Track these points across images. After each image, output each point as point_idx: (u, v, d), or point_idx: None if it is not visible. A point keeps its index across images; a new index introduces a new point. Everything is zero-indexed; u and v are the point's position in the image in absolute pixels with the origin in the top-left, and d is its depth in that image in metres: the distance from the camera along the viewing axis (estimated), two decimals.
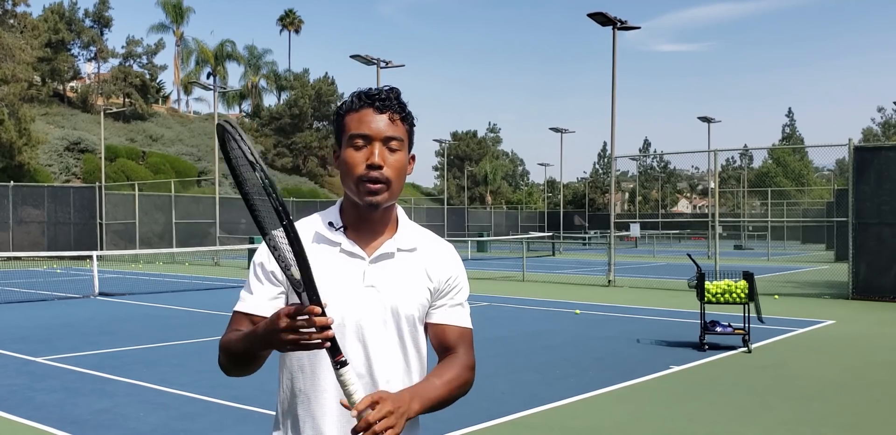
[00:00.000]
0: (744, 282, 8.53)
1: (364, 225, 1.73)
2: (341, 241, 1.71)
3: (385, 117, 1.67)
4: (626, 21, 19.15)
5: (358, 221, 1.73)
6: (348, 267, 1.70)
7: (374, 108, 1.67)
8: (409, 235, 1.78)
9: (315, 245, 1.71)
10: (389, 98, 1.68)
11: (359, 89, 1.72)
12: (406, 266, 1.73)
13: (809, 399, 6.35)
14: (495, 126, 75.12)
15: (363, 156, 1.66)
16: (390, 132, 1.67)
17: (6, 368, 7.53)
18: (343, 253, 1.71)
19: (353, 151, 1.67)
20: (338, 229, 1.73)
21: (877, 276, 14.03)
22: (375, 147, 1.66)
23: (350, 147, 1.68)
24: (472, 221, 52.09)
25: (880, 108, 64.10)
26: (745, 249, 37.73)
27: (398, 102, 1.69)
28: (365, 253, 1.71)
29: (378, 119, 1.67)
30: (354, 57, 25.80)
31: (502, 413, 5.76)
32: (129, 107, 50.10)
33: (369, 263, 1.71)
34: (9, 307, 13.01)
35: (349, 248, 1.71)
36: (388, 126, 1.67)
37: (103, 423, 5.52)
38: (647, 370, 7.40)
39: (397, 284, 1.71)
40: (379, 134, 1.66)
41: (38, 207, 29.29)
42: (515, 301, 14.01)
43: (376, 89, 1.71)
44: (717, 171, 18.43)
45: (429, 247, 1.79)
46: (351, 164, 1.67)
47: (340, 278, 1.68)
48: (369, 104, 1.68)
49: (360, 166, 1.66)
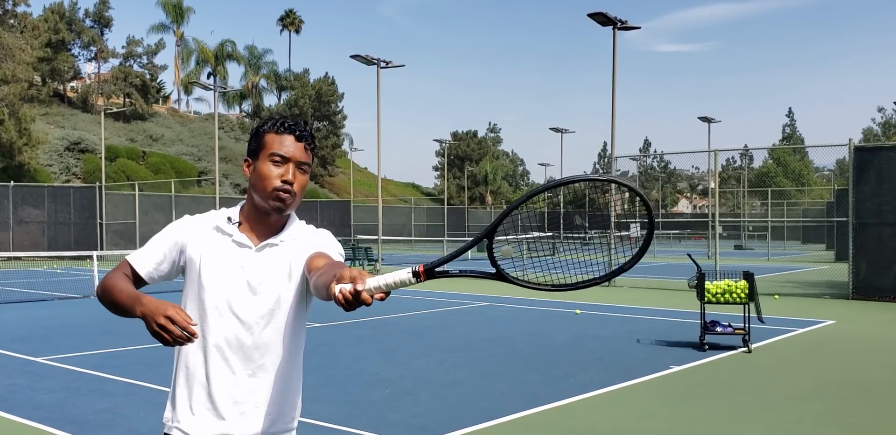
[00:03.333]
0: (744, 282, 8.53)
1: (259, 224, 2.08)
2: (233, 233, 2.06)
3: (301, 145, 2.05)
4: (626, 21, 19.16)
5: (254, 221, 2.08)
6: (237, 254, 2.04)
7: (294, 136, 2.05)
8: (295, 230, 2.11)
9: (212, 233, 2.07)
10: (307, 131, 2.08)
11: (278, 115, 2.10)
12: (285, 252, 2.06)
13: (809, 399, 6.35)
14: (495, 126, 75.18)
15: (280, 172, 2.02)
16: (303, 158, 2.05)
17: (6, 368, 7.53)
18: (234, 243, 2.05)
19: (271, 166, 2.02)
20: (233, 224, 2.07)
21: (877, 276, 14.03)
22: (290, 167, 2.03)
23: (269, 162, 2.02)
24: (472, 221, 52.12)
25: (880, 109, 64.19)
26: (745, 249, 37.72)
27: (311, 136, 2.09)
28: (252, 244, 2.05)
29: (296, 146, 2.04)
30: (355, 57, 25.79)
31: (502, 413, 5.76)
32: (130, 107, 50.11)
33: (255, 252, 2.05)
34: (9, 307, 13.01)
35: (239, 239, 2.05)
36: (303, 153, 2.05)
37: (103, 423, 5.52)
38: (647, 370, 7.40)
39: (274, 268, 2.04)
40: (295, 157, 2.03)
41: (38, 207, 29.29)
42: (515, 301, 14.01)
43: (295, 120, 2.07)
44: (718, 171, 18.42)
45: (306, 236, 2.11)
46: (268, 176, 2.01)
47: (227, 263, 2.03)
48: (291, 132, 2.04)
49: (276, 180, 2.01)
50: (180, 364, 2.06)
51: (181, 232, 2.08)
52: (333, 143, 58.49)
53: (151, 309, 1.82)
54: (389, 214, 42.84)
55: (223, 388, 2.00)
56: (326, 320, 10.53)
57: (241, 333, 2.00)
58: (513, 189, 74.96)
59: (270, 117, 2.09)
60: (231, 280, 2.02)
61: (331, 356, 8.11)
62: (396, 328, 10.53)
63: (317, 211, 39.94)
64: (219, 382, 2.00)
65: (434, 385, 6.84)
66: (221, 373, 2.00)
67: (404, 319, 11.60)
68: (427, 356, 8.32)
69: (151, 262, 2.09)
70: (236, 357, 2.00)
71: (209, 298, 2.02)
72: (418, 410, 5.90)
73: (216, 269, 2.02)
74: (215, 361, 2.00)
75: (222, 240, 2.06)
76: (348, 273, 1.59)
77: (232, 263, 2.03)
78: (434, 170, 72.30)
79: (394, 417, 5.69)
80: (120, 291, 1.98)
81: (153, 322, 1.79)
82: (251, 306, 2.01)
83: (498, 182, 68.48)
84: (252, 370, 2.01)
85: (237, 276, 2.02)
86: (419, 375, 7.28)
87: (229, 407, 2.00)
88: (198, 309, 2.03)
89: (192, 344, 1.94)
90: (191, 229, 2.08)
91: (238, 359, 2.00)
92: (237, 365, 2.00)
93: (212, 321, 2.01)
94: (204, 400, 2.01)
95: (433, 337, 9.78)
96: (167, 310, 1.79)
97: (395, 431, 5.32)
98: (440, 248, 26.63)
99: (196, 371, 2.02)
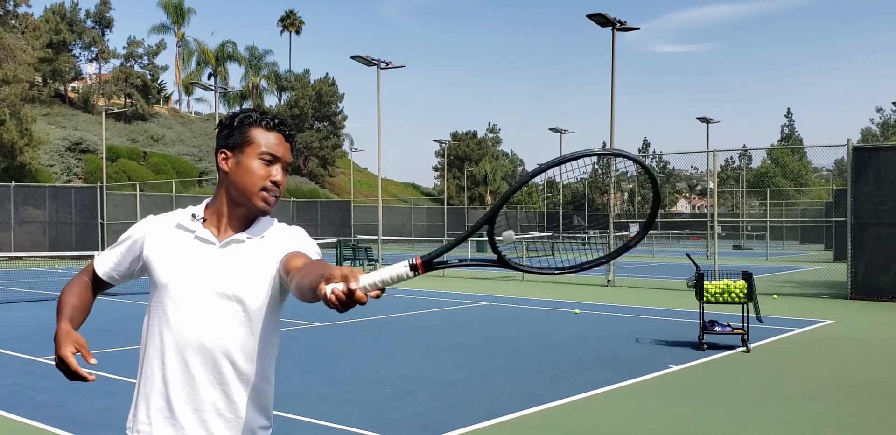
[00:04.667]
0: (743, 282, 8.56)
1: (226, 219, 1.98)
2: (196, 229, 1.96)
3: (289, 146, 1.99)
4: (625, 22, 19.18)
5: (221, 216, 1.98)
6: (198, 250, 1.94)
7: (284, 135, 1.97)
8: (263, 227, 2.00)
9: (174, 230, 1.98)
10: (291, 129, 2.01)
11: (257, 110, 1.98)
12: (251, 249, 1.94)
13: (808, 399, 6.37)
14: (495, 126, 75.11)
15: (268, 172, 1.93)
16: (289, 159, 1.99)
17: (7, 368, 7.56)
18: (196, 239, 1.95)
19: (261, 164, 1.93)
20: (197, 220, 1.97)
21: (875, 276, 14.05)
22: (279, 168, 1.96)
23: (258, 160, 1.93)
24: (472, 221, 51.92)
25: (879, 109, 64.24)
26: (743, 248, 37.73)
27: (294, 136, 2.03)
28: (217, 239, 1.95)
29: (285, 145, 1.97)
30: (355, 58, 25.82)
31: (502, 413, 5.78)
32: (131, 107, 50.12)
33: (219, 248, 1.94)
34: (10, 307, 13.03)
35: (202, 235, 1.95)
36: (289, 154, 1.99)
37: (104, 422, 5.54)
38: (646, 370, 7.43)
39: (240, 265, 1.91)
40: (284, 158, 1.97)
41: (39, 207, 29.32)
42: (515, 301, 14.03)
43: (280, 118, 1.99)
44: (716, 171, 18.43)
45: (277, 231, 2.01)
46: (257, 174, 1.92)
47: (186, 261, 1.92)
48: (279, 131, 1.96)
49: (265, 180, 1.93)
50: (140, 369, 1.95)
51: (140, 231, 2.02)
52: (334, 143, 58.49)
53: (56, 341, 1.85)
54: (389, 215, 42.86)
55: (182, 394, 1.87)
56: (326, 320, 10.55)
57: (201, 335, 1.87)
58: None
59: (250, 110, 1.99)
60: (190, 278, 1.90)
61: (331, 356, 8.13)
62: (396, 328, 10.55)
63: (317, 211, 39.93)
64: (177, 388, 1.87)
65: (434, 385, 6.87)
66: (180, 378, 1.87)
67: (404, 318, 11.62)
68: (427, 356, 8.35)
69: (110, 262, 2.08)
70: (196, 362, 1.87)
71: (167, 297, 1.91)
72: (418, 410, 5.92)
73: (174, 267, 1.92)
74: (173, 365, 1.87)
75: (184, 237, 1.96)
76: (339, 272, 1.49)
77: (192, 260, 1.92)
78: (434, 170, 72.31)
79: (394, 416, 5.72)
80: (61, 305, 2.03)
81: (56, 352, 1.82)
82: (213, 307, 1.88)
83: (497, 182, 68.44)
84: (213, 376, 1.87)
85: (197, 274, 1.90)
86: (419, 374, 7.31)
87: (188, 415, 1.87)
88: (156, 310, 1.93)
89: (152, 347, 1.92)
90: (151, 228, 2.00)
91: (198, 363, 1.87)
92: (198, 370, 1.87)
93: (171, 323, 1.89)
94: (162, 407, 1.89)
95: (433, 337, 9.80)
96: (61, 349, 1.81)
97: (395, 431, 5.34)
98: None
99: (154, 376, 1.90)
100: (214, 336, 1.88)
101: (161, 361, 1.89)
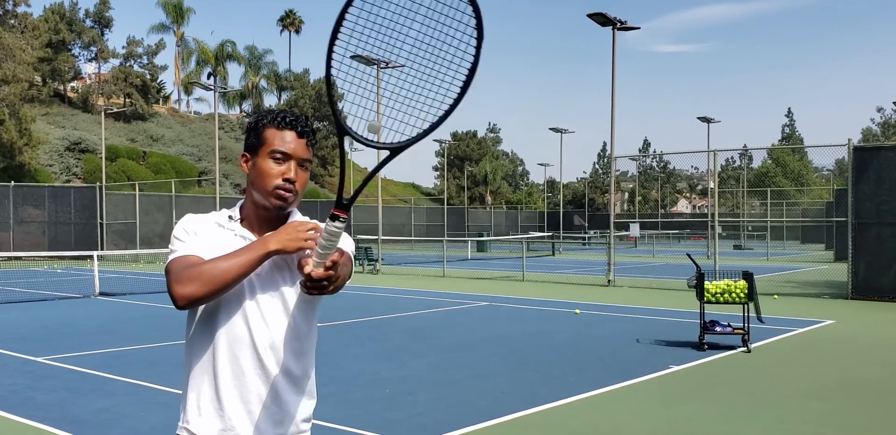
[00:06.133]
0: (743, 282, 8.54)
1: (262, 221, 2.03)
2: (235, 228, 2.02)
3: (303, 142, 1.99)
4: (625, 21, 19.16)
5: (255, 217, 2.03)
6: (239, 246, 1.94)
7: (296, 132, 1.98)
8: None
9: (215, 229, 2.02)
10: (308, 126, 2.01)
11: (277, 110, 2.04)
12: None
13: (809, 399, 6.36)
14: (495, 126, 75.10)
15: (281, 170, 1.96)
16: (305, 155, 2.00)
17: (7, 368, 7.54)
18: (237, 237, 2.00)
19: (272, 163, 1.97)
20: (234, 221, 2.04)
21: (876, 276, 14.04)
22: (292, 165, 1.97)
23: (270, 159, 1.97)
24: (472, 221, 52.11)
25: (880, 109, 64.22)
26: (744, 248, 37.72)
27: (312, 131, 2.03)
28: (255, 237, 2.00)
29: (298, 142, 1.98)
30: (355, 57, 25.83)
31: (502, 413, 5.77)
32: (130, 107, 50.08)
33: None
34: (9, 307, 13.02)
35: (241, 233, 2.01)
36: (304, 150, 1.99)
37: (103, 422, 5.53)
38: (646, 370, 7.41)
39: (281, 267, 1.98)
40: (297, 155, 1.98)
41: (38, 207, 29.30)
42: (515, 301, 14.01)
43: (295, 115, 2.01)
44: (717, 171, 18.43)
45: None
46: (269, 174, 1.96)
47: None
48: (293, 128, 1.98)
49: (277, 178, 1.96)
50: (190, 364, 2.01)
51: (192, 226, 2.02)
52: (333, 143, 58.39)
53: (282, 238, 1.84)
54: (389, 214, 42.86)
55: (230, 387, 1.96)
56: (326, 320, 10.53)
57: (250, 331, 1.95)
58: (512, 189, 74.96)
59: (269, 111, 2.03)
60: None
61: (331, 356, 8.11)
62: (396, 328, 10.53)
63: (317, 211, 39.92)
64: (226, 380, 1.95)
65: (434, 385, 6.85)
66: (230, 371, 1.95)
67: (404, 319, 11.61)
68: (427, 356, 8.33)
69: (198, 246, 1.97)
70: (245, 356, 1.95)
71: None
72: (418, 410, 5.91)
73: None
74: (223, 360, 1.95)
75: (226, 234, 2.00)
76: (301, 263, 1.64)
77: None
78: (434, 170, 72.32)
79: (394, 416, 5.70)
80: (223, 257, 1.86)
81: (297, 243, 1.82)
82: (258, 304, 1.96)
83: (497, 182, 68.46)
84: (260, 369, 1.95)
85: None
86: (419, 375, 7.29)
87: (236, 405, 1.95)
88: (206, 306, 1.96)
89: (201, 342, 1.97)
90: (199, 226, 2.02)
91: (246, 357, 1.95)
92: (245, 363, 1.95)
93: (220, 319, 1.95)
94: (211, 398, 1.97)
95: (433, 337, 9.79)
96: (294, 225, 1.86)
97: (395, 431, 5.33)
98: (440, 248, 26.62)
99: (205, 370, 1.98)
100: (262, 332, 1.95)
101: (212, 356, 1.96)
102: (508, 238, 37.34)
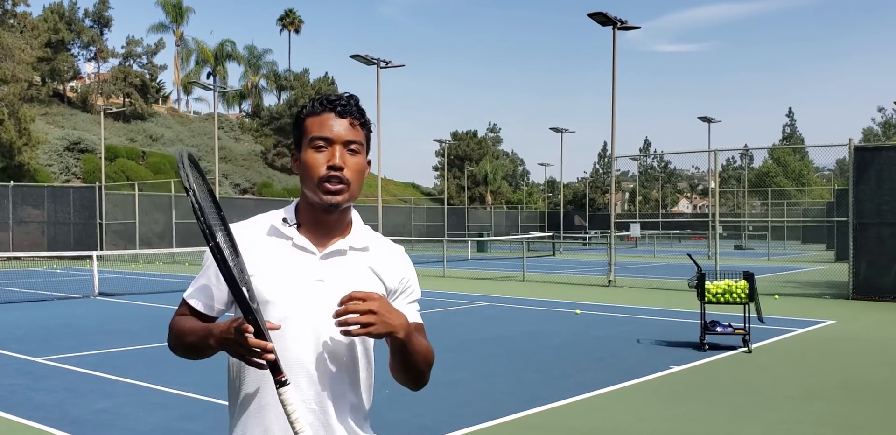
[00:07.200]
0: (744, 282, 8.53)
1: (318, 225, 1.76)
2: (293, 235, 1.74)
3: (346, 122, 1.71)
4: (626, 21, 19.15)
5: (313, 221, 1.76)
6: (299, 261, 1.72)
7: (335, 112, 1.71)
8: (362, 236, 1.81)
9: (268, 238, 1.75)
10: (350, 104, 1.72)
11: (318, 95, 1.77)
12: (356, 263, 1.76)
13: (809, 399, 6.35)
14: (495, 126, 74.98)
15: (324, 157, 1.69)
16: (351, 136, 1.71)
17: (6, 368, 7.53)
18: (294, 247, 1.73)
19: (314, 153, 1.70)
20: (291, 225, 1.75)
21: (877, 276, 14.02)
22: (336, 149, 1.70)
23: (311, 149, 1.71)
24: (472, 221, 52.09)
25: (880, 108, 64.16)
26: (745, 248, 37.72)
27: (358, 108, 1.73)
28: (316, 249, 1.74)
29: (339, 123, 1.70)
30: (354, 57, 25.80)
31: (502, 413, 5.75)
32: (129, 107, 50.09)
33: (320, 259, 1.73)
34: (9, 307, 13.01)
35: (300, 242, 1.73)
36: (349, 130, 1.71)
37: (103, 423, 5.52)
38: (647, 370, 7.40)
39: (346, 280, 1.72)
40: (340, 137, 1.70)
41: (37, 207, 29.29)
42: (515, 301, 14.00)
43: (336, 95, 1.74)
44: (718, 171, 18.42)
45: (381, 248, 1.84)
46: (312, 165, 1.70)
47: (290, 271, 1.71)
48: (331, 109, 1.71)
49: (322, 168, 1.69)
50: (234, 391, 1.76)
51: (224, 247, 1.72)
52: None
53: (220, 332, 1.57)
54: (389, 214, 42.83)
55: (280, 420, 1.65)
56: None
57: (303, 354, 1.68)
58: (513, 189, 74.95)
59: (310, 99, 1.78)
60: (293, 294, 1.69)
61: None
62: None
63: None
64: (276, 410, 1.65)
65: (434, 385, 6.79)
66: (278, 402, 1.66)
67: None
68: None
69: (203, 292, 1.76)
70: (299, 387, 1.68)
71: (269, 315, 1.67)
72: (418, 410, 5.89)
73: (277, 280, 1.70)
74: (271, 388, 1.63)
75: (280, 245, 1.73)
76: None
77: (294, 272, 1.70)
78: (434, 170, 72.26)
79: (394, 417, 5.68)
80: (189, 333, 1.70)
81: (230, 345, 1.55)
82: (316, 327, 1.69)
83: (498, 182, 68.43)
84: (315, 402, 1.70)
85: (300, 289, 1.70)
86: None
87: None
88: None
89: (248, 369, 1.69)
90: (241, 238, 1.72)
91: (302, 389, 1.68)
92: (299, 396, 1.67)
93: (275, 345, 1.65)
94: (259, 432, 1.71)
95: (433, 337, 9.69)
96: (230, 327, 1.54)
97: (395, 432, 5.31)
98: (440, 248, 26.60)
99: (251, 399, 1.71)
100: (318, 355, 1.69)
101: (258, 384, 1.70)
102: (509, 238, 37.33)
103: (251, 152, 54.30)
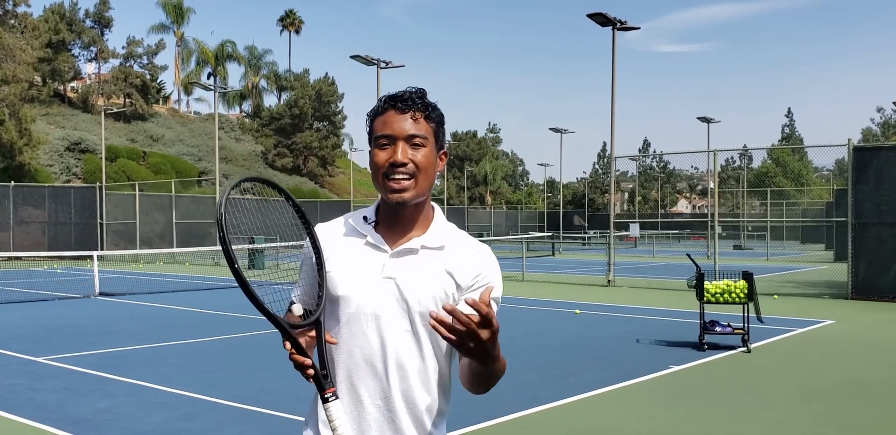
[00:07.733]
0: (743, 282, 8.54)
1: (395, 222, 1.79)
2: (368, 233, 1.78)
3: (407, 117, 1.72)
4: (625, 21, 19.17)
5: (389, 218, 1.79)
6: (370, 258, 1.75)
7: (395, 109, 1.73)
8: (439, 235, 1.81)
9: (346, 236, 1.80)
10: (411, 98, 1.74)
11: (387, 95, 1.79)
12: (428, 262, 1.76)
13: (808, 399, 6.36)
14: (495, 126, 75.13)
15: (387, 155, 1.72)
16: (412, 130, 1.72)
17: (7, 368, 7.54)
18: (368, 245, 1.77)
19: (378, 152, 1.74)
20: (369, 223, 1.80)
21: (876, 276, 14.04)
22: (399, 146, 1.71)
23: (376, 148, 1.74)
24: (471, 221, 52.07)
25: (880, 109, 64.15)
26: (744, 248, 37.72)
27: (421, 102, 1.74)
28: (388, 247, 1.76)
29: (400, 119, 1.72)
30: (355, 57, 25.82)
31: (502, 413, 5.76)
32: (130, 107, 50.10)
33: (390, 257, 1.75)
34: (9, 307, 13.02)
35: (373, 240, 1.77)
36: (411, 125, 1.72)
37: (104, 423, 5.53)
38: (646, 370, 7.41)
39: (415, 278, 1.72)
40: (401, 133, 1.72)
41: (38, 207, 29.30)
42: (515, 301, 14.01)
43: (400, 91, 1.77)
44: (717, 171, 18.43)
45: (459, 247, 1.81)
46: (377, 163, 1.74)
47: (360, 268, 1.74)
48: (391, 106, 1.74)
49: (385, 166, 1.72)
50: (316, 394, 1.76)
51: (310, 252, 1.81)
52: (333, 143, 58.45)
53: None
54: None
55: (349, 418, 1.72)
56: None
57: (368, 350, 1.71)
58: (512, 189, 74.98)
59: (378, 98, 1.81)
60: (362, 292, 1.72)
61: None
62: None
63: (317, 211, 39.93)
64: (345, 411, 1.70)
65: None
66: (347, 401, 1.72)
67: None
68: None
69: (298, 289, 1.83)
70: (365, 384, 1.71)
71: (340, 312, 1.73)
72: None
73: (347, 278, 1.73)
74: (340, 387, 1.71)
75: (355, 243, 1.78)
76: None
77: (364, 270, 1.74)
78: None
79: None
80: None
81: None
82: (384, 325, 1.71)
83: (498, 182, 68.48)
84: (382, 401, 1.72)
85: (368, 287, 1.72)
86: None
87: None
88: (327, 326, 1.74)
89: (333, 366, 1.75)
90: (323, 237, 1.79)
91: (367, 386, 1.72)
92: (365, 393, 1.72)
93: (342, 341, 1.73)
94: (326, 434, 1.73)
95: None
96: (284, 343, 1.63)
97: None
98: None
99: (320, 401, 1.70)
100: (383, 356, 1.71)
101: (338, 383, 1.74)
102: (508, 238, 37.33)
103: (252, 153, 54.32)
